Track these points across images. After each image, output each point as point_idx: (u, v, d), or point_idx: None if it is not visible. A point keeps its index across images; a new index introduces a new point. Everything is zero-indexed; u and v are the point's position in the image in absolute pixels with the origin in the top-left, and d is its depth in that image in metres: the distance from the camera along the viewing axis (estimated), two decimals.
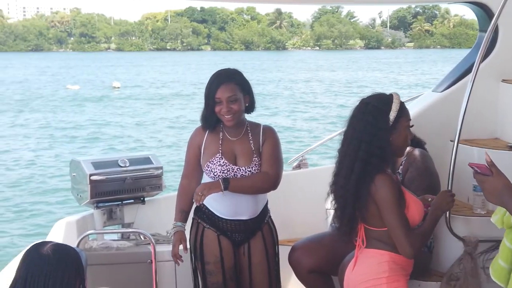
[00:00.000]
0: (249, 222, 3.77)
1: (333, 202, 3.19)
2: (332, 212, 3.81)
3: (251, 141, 3.74)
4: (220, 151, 3.72)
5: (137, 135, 24.25)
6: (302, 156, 5.52)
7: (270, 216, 3.91)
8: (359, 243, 3.14)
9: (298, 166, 5.39)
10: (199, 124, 3.85)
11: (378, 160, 3.01)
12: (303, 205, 4.98)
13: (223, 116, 3.67)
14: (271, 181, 3.71)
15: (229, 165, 3.69)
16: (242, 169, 3.69)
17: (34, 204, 14.12)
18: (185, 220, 3.89)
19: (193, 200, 3.66)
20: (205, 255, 3.79)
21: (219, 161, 3.69)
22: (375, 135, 3.02)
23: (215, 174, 3.69)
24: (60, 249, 2.50)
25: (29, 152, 20.77)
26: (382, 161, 3.03)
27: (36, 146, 21.95)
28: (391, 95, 3.14)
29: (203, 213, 3.80)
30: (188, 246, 3.87)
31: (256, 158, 3.71)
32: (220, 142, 3.75)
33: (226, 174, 3.67)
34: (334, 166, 3.18)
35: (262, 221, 3.84)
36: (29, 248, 2.51)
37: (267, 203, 3.89)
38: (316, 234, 4.23)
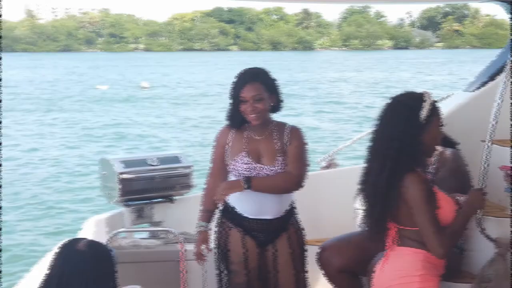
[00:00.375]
0: (273, 222, 3.76)
1: (363, 201, 3.17)
2: (361, 212, 3.79)
3: (276, 141, 3.73)
4: (245, 149, 3.72)
5: (163, 135, 24.34)
6: (331, 156, 5.50)
7: (296, 217, 3.89)
8: (390, 242, 3.11)
9: (327, 166, 5.37)
10: (225, 124, 3.86)
11: (408, 158, 2.99)
12: (332, 205, 4.96)
13: (248, 115, 3.67)
14: (294, 181, 3.69)
15: (253, 163, 3.68)
16: (266, 168, 3.67)
17: (60, 203, 14.22)
18: (209, 220, 3.90)
19: (214, 198, 3.66)
20: (229, 255, 3.80)
21: (243, 160, 3.69)
22: (406, 133, 3.00)
23: (239, 172, 3.69)
24: (95, 246, 2.54)
25: (56, 151, 20.96)
26: (413, 160, 3.01)
27: (63, 145, 22.14)
28: (423, 94, 3.12)
29: (228, 213, 3.81)
30: (213, 246, 3.88)
31: (281, 158, 3.69)
32: (245, 141, 3.75)
33: (250, 173, 3.67)
34: (364, 165, 3.16)
35: (288, 222, 3.83)
36: (64, 244, 2.54)
37: (293, 203, 3.86)
38: (345, 234, 4.20)
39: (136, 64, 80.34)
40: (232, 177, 3.78)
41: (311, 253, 4.09)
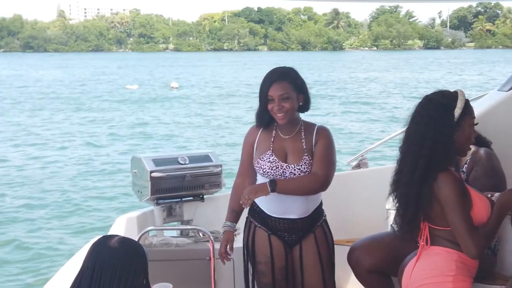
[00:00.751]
0: (298, 222, 3.73)
1: (395, 201, 3.14)
2: (392, 212, 3.76)
3: (303, 140, 3.71)
4: (271, 148, 3.72)
5: (190, 135, 24.45)
6: (362, 156, 5.46)
7: (324, 219, 3.85)
8: (422, 242, 3.07)
9: (358, 166, 5.33)
10: (253, 123, 3.87)
11: (441, 157, 2.95)
12: (363, 205, 4.93)
13: (275, 114, 3.67)
14: (320, 182, 3.65)
15: (278, 162, 3.67)
16: (291, 167, 3.66)
17: (86, 201, 14.35)
18: (235, 220, 3.90)
19: (240, 202, 3.67)
20: (256, 254, 3.79)
21: (269, 158, 3.69)
22: (439, 131, 2.96)
23: (264, 171, 3.69)
24: (127, 242, 2.56)
25: (84, 150, 21.14)
26: (446, 159, 2.97)
27: (91, 144, 22.33)
28: (455, 92, 3.09)
29: (255, 212, 3.81)
30: (241, 245, 3.89)
31: (307, 157, 3.67)
32: (272, 140, 3.75)
33: (275, 171, 3.66)
34: (396, 164, 3.13)
35: (315, 223, 3.79)
36: (97, 240, 2.57)
37: (321, 205, 3.83)
38: (376, 234, 4.17)
39: (166, 64, 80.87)
40: (259, 177, 3.77)
41: (342, 253, 4.07)
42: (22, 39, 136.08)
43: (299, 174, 3.66)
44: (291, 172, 3.65)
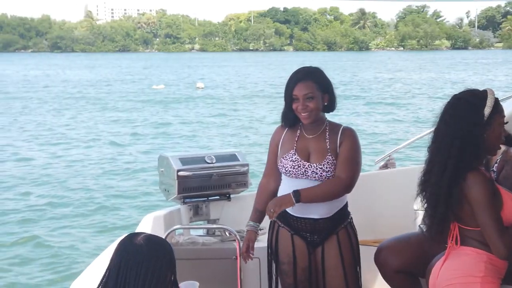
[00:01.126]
0: (320, 222, 3.71)
1: (423, 201, 3.12)
2: (421, 213, 3.72)
3: (327, 140, 3.70)
4: (295, 147, 3.72)
5: (215, 135, 24.50)
6: (389, 156, 5.43)
7: (350, 222, 3.82)
8: (451, 243, 3.05)
9: (385, 166, 5.31)
10: (277, 123, 3.88)
11: (471, 157, 2.93)
12: (390, 205, 4.90)
13: (299, 113, 3.67)
14: (343, 185, 3.63)
15: (300, 161, 3.66)
16: (314, 166, 3.64)
17: (109, 199, 14.44)
18: (259, 220, 3.89)
19: (266, 214, 3.67)
20: (279, 254, 3.79)
21: (292, 157, 3.68)
22: (469, 131, 2.94)
23: (287, 169, 3.68)
24: (153, 240, 2.56)
25: (108, 149, 21.28)
26: (475, 158, 2.95)
27: (114, 143, 22.47)
28: (485, 91, 3.07)
29: None
30: (265, 245, 3.89)
31: (330, 157, 3.65)
32: (296, 139, 3.75)
33: (297, 170, 3.65)
34: (424, 164, 3.11)
35: (339, 225, 3.76)
36: (123, 238, 2.59)
37: (346, 206, 3.80)
38: (404, 234, 4.13)
39: (191, 64, 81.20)
40: (283, 176, 3.77)
41: (369, 253, 4.04)
42: (50, 39, 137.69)
43: (321, 173, 3.64)
44: (313, 171, 3.64)
